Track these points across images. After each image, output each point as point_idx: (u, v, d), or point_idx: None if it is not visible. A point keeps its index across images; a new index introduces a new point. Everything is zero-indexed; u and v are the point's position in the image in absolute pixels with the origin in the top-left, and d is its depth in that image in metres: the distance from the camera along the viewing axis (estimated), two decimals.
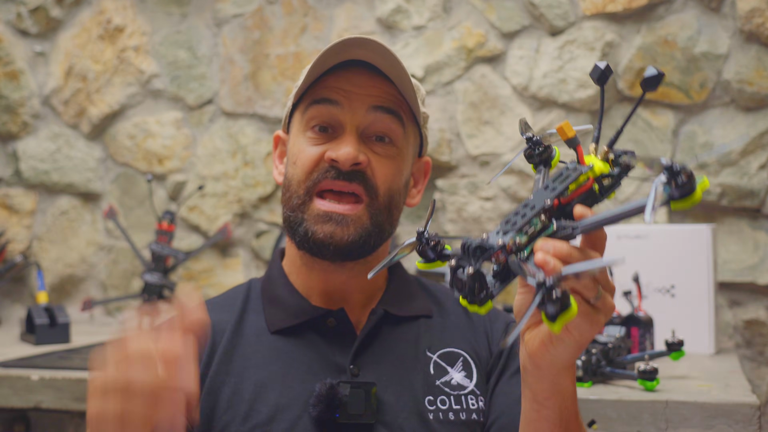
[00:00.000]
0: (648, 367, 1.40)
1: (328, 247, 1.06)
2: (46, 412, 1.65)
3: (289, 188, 1.10)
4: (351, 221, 1.06)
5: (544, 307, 0.66)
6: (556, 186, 0.75)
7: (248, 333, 1.09)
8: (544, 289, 0.65)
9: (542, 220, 0.73)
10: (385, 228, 1.10)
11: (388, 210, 1.10)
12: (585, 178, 0.75)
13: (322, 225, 1.06)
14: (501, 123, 2.18)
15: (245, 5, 2.36)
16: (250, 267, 2.35)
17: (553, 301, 0.65)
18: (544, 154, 0.81)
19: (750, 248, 2.02)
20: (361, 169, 1.07)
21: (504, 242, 0.71)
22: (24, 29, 2.49)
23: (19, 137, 2.49)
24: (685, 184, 0.68)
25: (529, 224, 0.73)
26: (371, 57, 1.08)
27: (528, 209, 0.74)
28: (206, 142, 2.39)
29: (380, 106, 1.09)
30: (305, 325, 1.09)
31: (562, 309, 0.65)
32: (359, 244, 1.07)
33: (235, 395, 1.04)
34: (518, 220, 0.74)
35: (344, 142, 1.07)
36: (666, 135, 2.08)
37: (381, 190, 1.08)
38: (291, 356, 1.07)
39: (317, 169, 1.07)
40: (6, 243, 2.42)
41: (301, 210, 1.08)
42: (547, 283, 0.65)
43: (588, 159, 0.76)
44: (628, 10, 2.10)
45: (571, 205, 0.75)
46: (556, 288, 0.65)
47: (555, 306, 0.65)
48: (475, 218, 2.17)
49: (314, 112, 1.09)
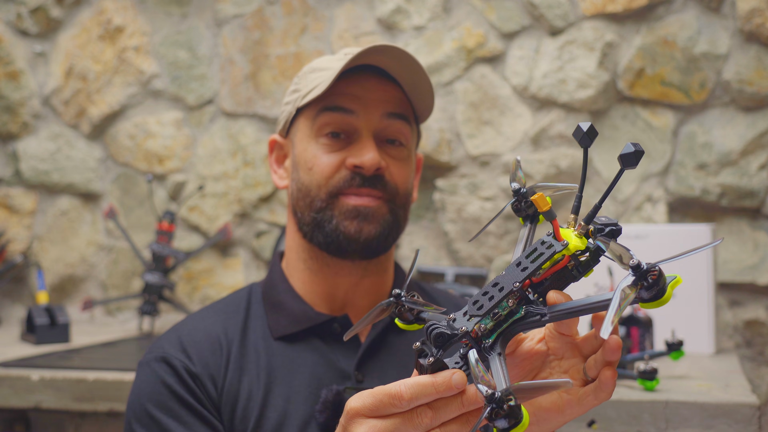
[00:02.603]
0: (648, 367, 1.40)
1: (357, 240, 1.08)
2: (46, 412, 1.65)
3: (309, 193, 1.10)
4: (374, 213, 1.08)
5: (493, 421, 0.63)
6: (527, 265, 0.71)
7: (254, 339, 1.09)
8: (493, 403, 0.63)
9: (510, 304, 0.71)
10: (401, 223, 1.13)
11: (404, 208, 1.13)
12: (559, 256, 0.71)
13: (351, 221, 1.08)
14: (501, 123, 2.18)
15: (245, 5, 2.36)
16: (250, 267, 2.35)
17: (503, 416, 0.63)
18: (531, 209, 0.76)
19: (750, 248, 2.02)
20: (381, 174, 1.09)
21: (468, 329, 0.69)
22: (24, 29, 2.49)
23: (20, 137, 2.49)
24: (653, 285, 0.65)
25: (497, 307, 0.71)
26: (385, 62, 1.09)
27: (497, 290, 0.71)
28: (206, 142, 2.39)
29: (394, 112, 1.11)
30: (309, 331, 1.10)
31: (512, 425, 0.63)
32: (384, 237, 1.09)
33: (249, 401, 1.03)
34: (486, 303, 0.71)
35: (365, 147, 1.08)
36: (666, 135, 2.08)
37: (401, 191, 1.11)
38: (295, 361, 1.07)
39: (338, 176, 1.09)
40: (6, 243, 2.42)
41: (329, 209, 1.09)
42: (495, 396, 0.62)
43: (564, 234, 0.71)
44: (628, 11, 2.10)
45: (544, 284, 0.72)
46: (506, 402, 0.62)
47: (505, 421, 0.63)
48: (475, 218, 2.17)
49: (327, 119, 1.09)
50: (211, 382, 1.04)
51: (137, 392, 1.04)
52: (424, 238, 2.24)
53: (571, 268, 0.72)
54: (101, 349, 1.91)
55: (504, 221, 2.16)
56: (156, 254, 2.17)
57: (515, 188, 0.75)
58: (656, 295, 0.65)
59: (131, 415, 1.03)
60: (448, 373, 0.69)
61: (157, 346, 1.07)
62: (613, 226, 0.71)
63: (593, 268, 0.72)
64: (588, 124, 0.69)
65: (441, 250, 2.22)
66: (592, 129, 0.69)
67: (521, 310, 0.71)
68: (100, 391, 1.59)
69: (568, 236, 0.71)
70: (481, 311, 0.70)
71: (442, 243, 2.22)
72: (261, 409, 1.03)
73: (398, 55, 1.07)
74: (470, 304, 0.71)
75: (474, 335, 0.70)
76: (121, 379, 1.59)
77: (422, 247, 2.23)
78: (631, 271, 0.65)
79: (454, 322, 0.70)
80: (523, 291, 0.71)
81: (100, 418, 1.63)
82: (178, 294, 2.37)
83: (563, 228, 0.72)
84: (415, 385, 0.69)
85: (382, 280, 1.14)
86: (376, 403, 0.71)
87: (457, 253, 2.20)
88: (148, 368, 1.05)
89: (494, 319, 0.70)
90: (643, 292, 0.65)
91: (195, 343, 1.06)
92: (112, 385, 1.59)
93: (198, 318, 1.11)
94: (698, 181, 2.05)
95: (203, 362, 1.04)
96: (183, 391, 1.02)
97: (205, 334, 1.07)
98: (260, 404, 1.03)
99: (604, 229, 0.71)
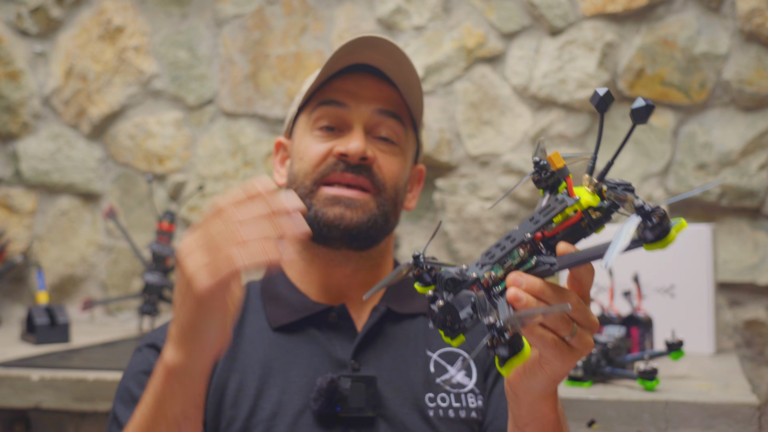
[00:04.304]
0: (648, 367, 1.40)
1: (337, 227, 1.08)
2: (46, 412, 1.65)
3: (295, 181, 1.12)
4: (359, 205, 1.08)
5: (495, 349, 0.64)
6: (540, 218, 0.73)
7: (249, 331, 1.10)
8: (494, 330, 0.64)
9: (521, 254, 0.72)
10: (390, 219, 1.12)
11: (394, 203, 1.13)
12: (572, 210, 0.72)
13: (331, 207, 1.08)
14: (501, 123, 2.18)
15: (245, 5, 2.36)
16: None
17: (503, 344, 0.64)
18: (551, 179, 0.76)
19: (750, 248, 2.02)
20: (368, 164, 1.10)
21: (479, 275, 0.71)
22: (24, 29, 2.49)
23: (20, 137, 2.49)
24: (657, 225, 0.65)
25: (508, 257, 0.72)
26: (379, 60, 1.11)
27: (509, 242, 0.72)
28: (206, 142, 2.39)
29: (385, 110, 1.12)
30: (306, 321, 1.10)
31: (512, 352, 0.64)
32: (368, 226, 1.09)
33: (239, 391, 1.04)
34: (497, 253, 0.72)
35: (353, 137, 1.10)
36: (666, 135, 2.08)
37: (388, 184, 1.11)
38: (292, 352, 1.08)
39: (324, 163, 1.10)
40: (6, 243, 2.42)
41: (309, 197, 1.10)
42: (497, 324, 0.64)
43: (577, 191, 0.73)
44: (628, 10, 2.10)
45: (556, 239, 0.73)
46: (506, 331, 0.63)
47: (505, 349, 0.64)
48: (474, 218, 2.17)
49: (321, 113, 1.12)
50: None
51: (125, 375, 1.06)
52: (424, 238, 2.24)
53: (584, 226, 0.73)
54: (101, 349, 1.91)
55: (504, 221, 2.16)
56: (156, 254, 2.17)
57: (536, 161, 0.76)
58: (660, 235, 0.66)
59: (116, 396, 1.05)
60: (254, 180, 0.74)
61: (150, 334, 1.10)
62: (626, 185, 0.72)
63: (605, 224, 0.73)
64: (605, 89, 0.70)
65: (441, 250, 2.22)
66: (609, 94, 0.70)
67: (532, 260, 0.72)
68: (100, 391, 1.59)
69: (582, 192, 0.73)
70: (493, 260, 0.72)
71: (442, 243, 2.22)
72: (254, 400, 1.03)
73: (389, 50, 1.09)
74: (483, 255, 0.73)
75: (485, 284, 0.71)
76: None
77: (422, 246, 2.23)
78: (636, 211, 0.66)
79: (466, 271, 0.72)
80: (534, 243, 0.72)
81: (100, 418, 1.63)
82: None
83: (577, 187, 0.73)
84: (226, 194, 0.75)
85: (375, 274, 1.15)
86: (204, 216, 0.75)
87: (457, 253, 2.20)
88: (138, 353, 1.07)
89: (505, 268, 0.72)
90: (647, 232, 0.66)
91: None
92: (112, 385, 1.59)
93: None
94: (698, 181, 2.05)
95: None
96: None
97: None
98: (254, 396, 1.04)
99: (617, 187, 0.72)
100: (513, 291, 0.70)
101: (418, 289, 0.77)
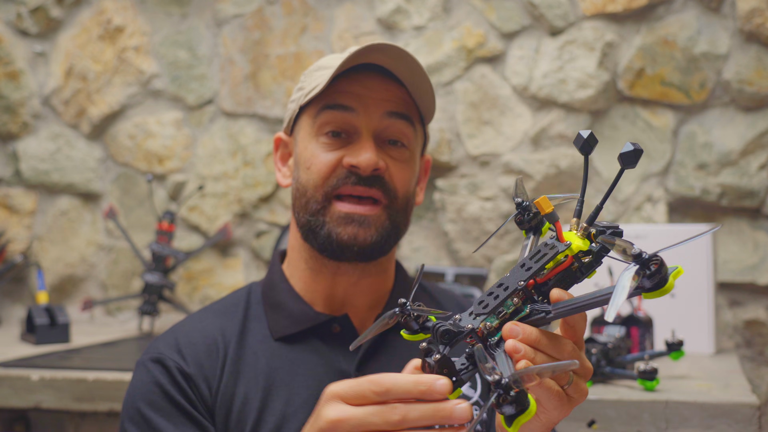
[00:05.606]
0: (648, 367, 1.40)
1: (351, 248, 1.06)
2: (46, 412, 1.65)
3: (305, 194, 1.09)
4: (372, 222, 1.06)
5: (500, 408, 0.63)
6: (531, 265, 0.72)
7: (252, 341, 1.08)
8: (500, 388, 0.63)
9: (515, 303, 0.71)
10: (401, 228, 1.11)
11: (405, 211, 1.11)
12: (563, 256, 0.72)
13: (344, 227, 1.06)
14: (501, 123, 2.18)
15: (245, 5, 2.36)
16: (250, 267, 2.35)
17: (509, 402, 0.63)
18: (534, 220, 0.76)
19: (750, 248, 2.02)
20: (379, 174, 1.07)
21: (474, 326, 0.70)
22: (24, 29, 2.49)
23: (20, 137, 2.49)
24: (655, 273, 0.65)
25: (502, 306, 0.71)
26: (387, 61, 1.08)
27: (501, 290, 0.72)
28: (206, 142, 2.39)
29: (395, 112, 1.09)
30: (309, 332, 1.09)
31: (519, 411, 0.63)
32: (380, 244, 1.07)
33: (245, 405, 1.03)
34: (491, 302, 0.71)
35: (363, 147, 1.06)
36: (666, 135, 2.08)
37: (400, 193, 1.09)
38: (295, 363, 1.07)
39: (335, 175, 1.07)
40: (6, 243, 2.42)
41: (321, 214, 1.07)
42: (502, 382, 0.63)
43: (567, 236, 0.72)
44: (628, 10, 2.10)
45: (548, 285, 0.72)
46: (512, 389, 0.63)
47: (511, 407, 0.63)
48: (474, 218, 2.17)
49: (328, 117, 1.08)
50: (205, 383, 1.03)
51: (132, 392, 1.04)
52: (424, 238, 2.24)
53: (574, 270, 0.72)
54: (101, 349, 1.91)
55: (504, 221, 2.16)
56: (156, 254, 2.17)
57: (518, 202, 0.76)
58: (658, 283, 0.66)
59: (125, 414, 1.04)
60: (433, 376, 0.69)
61: (153, 346, 1.07)
62: (615, 228, 0.71)
63: (596, 269, 0.73)
64: (588, 132, 0.70)
65: (441, 250, 2.22)
66: (592, 137, 0.70)
67: (526, 308, 0.72)
68: (100, 391, 1.59)
69: (571, 237, 0.72)
70: (487, 309, 0.71)
71: (442, 243, 2.22)
72: (259, 413, 1.02)
73: (399, 55, 1.06)
74: (476, 304, 0.72)
75: (480, 334, 0.70)
76: (121, 379, 1.59)
77: (422, 247, 2.23)
78: (633, 260, 0.65)
79: (459, 321, 0.71)
80: (527, 290, 0.72)
81: (100, 418, 1.63)
82: (178, 294, 2.37)
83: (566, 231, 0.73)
84: (398, 377, 0.69)
85: (381, 280, 1.14)
86: (354, 387, 0.71)
87: (457, 253, 2.20)
88: (144, 368, 1.05)
89: (500, 318, 0.71)
90: (645, 281, 0.66)
91: (191, 344, 1.06)
92: (112, 385, 1.59)
93: (196, 319, 1.11)
94: (698, 181, 2.05)
95: (198, 363, 1.04)
96: (175, 391, 1.02)
97: (201, 336, 1.07)
98: (258, 408, 1.03)
99: (606, 231, 0.71)
100: (512, 343, 0.69)
101: (405, 336, 0.75)
